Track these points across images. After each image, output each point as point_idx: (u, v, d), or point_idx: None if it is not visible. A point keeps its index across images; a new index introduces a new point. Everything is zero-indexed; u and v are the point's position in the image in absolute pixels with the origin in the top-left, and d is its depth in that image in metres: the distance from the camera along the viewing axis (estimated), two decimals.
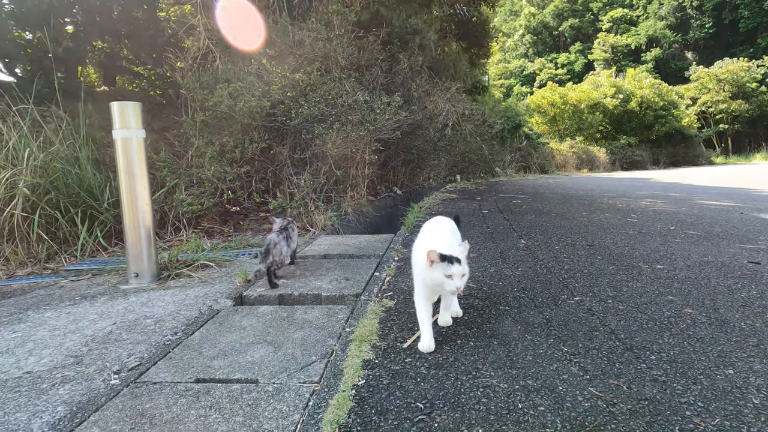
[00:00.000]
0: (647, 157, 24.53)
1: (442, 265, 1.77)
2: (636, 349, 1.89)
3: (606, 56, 40.83)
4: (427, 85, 7.01)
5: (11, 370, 1.81)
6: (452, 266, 1.76)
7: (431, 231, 2.13)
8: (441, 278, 1.77)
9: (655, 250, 3.67)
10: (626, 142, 24.08)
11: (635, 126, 25.36)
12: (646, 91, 26.01)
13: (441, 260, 1.77)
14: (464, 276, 1.80)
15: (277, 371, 1.75)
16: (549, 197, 7.81)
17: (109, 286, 2.93)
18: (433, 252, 1.76)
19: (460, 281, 1.77)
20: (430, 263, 1.78)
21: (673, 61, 42.02)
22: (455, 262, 1.77)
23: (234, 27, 4.85)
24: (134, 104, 2.88)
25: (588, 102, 24.47)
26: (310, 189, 4.77)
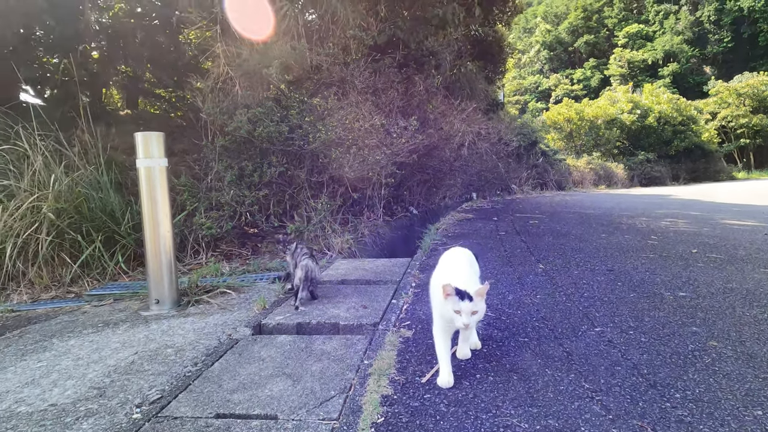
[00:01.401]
0: (666, 172, 24.21)
1: (454, 300, 1.77)
2: (660, 386, 1.85)
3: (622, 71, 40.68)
4: (443, 106, 7.06)
5: (36, 402, 1.84)
6: (461, 302, 1.76)
7: (449, 263, 2.12)
8: (451, 313, 1.78)
9: (676, 275, 3.60)
10: (645, 158, 23.82)
11: (653, 141, 25.11)
12: (664, 106, 25.80)
13: (456, 294, 1.77)
14: (476, 314, 1.78)
15: (296, 407, 1.75)
16: (567, 217, 7.74)
17: (131, 313, 2.98)
18: (449, 285, 1.77)
19: (468, 318, 1.76)
20: (446, 296, 1.79)
21: (691, 75, 41.66)
22: (466, 298, 1.76)
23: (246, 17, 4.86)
24: (157, 134, 2.95)
25: (605, 117, 24.35)
26: (327, 212, 4.80)
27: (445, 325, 1.90)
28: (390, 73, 5.73)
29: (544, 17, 48.36)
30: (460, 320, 1.77)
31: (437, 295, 1.89)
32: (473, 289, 1.77)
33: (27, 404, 1.83)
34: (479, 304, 1.78)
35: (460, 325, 1.78)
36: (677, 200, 12.01)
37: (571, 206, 9.89)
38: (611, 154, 24.10)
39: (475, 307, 1.77)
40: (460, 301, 1.76)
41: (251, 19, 4.98)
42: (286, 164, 4.78)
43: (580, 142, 24.07)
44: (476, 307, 1.77)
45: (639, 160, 23.66)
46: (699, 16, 42.72)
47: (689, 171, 25.55)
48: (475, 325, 1.93)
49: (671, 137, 25.22)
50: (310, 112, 4.73)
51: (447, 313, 1.80)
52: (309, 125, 4.59)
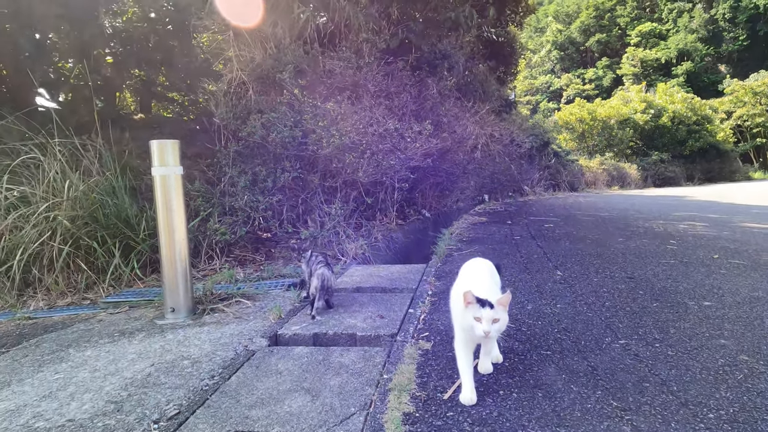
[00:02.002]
0: (681, 173, 23.91)
1: (475, 307, 1.74)
2: (692, 405, 1.78)
3: (635, 71, 40.24)
4: (456, 108, 7.00)
5: (54, 417, 1.82)
6: (482, 309, 1.73)
7: (470, 274, 2.09)
8: (471, 321, 1.75)
9: (699, 283, 3.51)
10: (658, 158, 23.55)
11: (667, 141, 24.81)
12: (678, 105, 25.47)
13: (477, 302, 1.74)
14: (497, 323, 1.74)
15: (315, 425, 1.71)
16: (582, 220, 7.64)
17: (146, 321, 2.96)
18: (470, 293, 1.75)
19: (488, 326, 1.72)
20: (466, 304, 1.76)
21: (706, 74, 41.09)
22: (487, 305, 1.73)
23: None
24: (173, 142, 2.93)
25: (618, 117, 24.11)
26: (341, 217, 4.77)
27: (466, 336, 1.85)
28: (403, 76, 5.69)
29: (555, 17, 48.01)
30: (481, 328, 1.72)
31: (457, 305, 1.86)
32: (494, 298, 1.75)
33: (45, 419, 1.81)
34: (501, 313, 1.75)
35: (480, 333, 1.73)
36: (693, 202, 11.83)
37: (585, 208, 9.77)
38: (624, 154, 23.85)
39: (497, 315, 1.73)
40: (481, 308, 1.73)
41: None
42: (299, 169, 4.75)
43: (592, 142, 23.86)
44: (497, 315, 1.73)
45: (653, 160, 23.39)
46: (713, 13, 42.14)
47: (704, 171, 25.21)
48: (497, 336, 1.88)
49: (685, 137, 24.90)
50: (323, 117, 4.70)
51: (467, 321, 1.77)
52: (322, 130, 4.56)
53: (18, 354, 2.50)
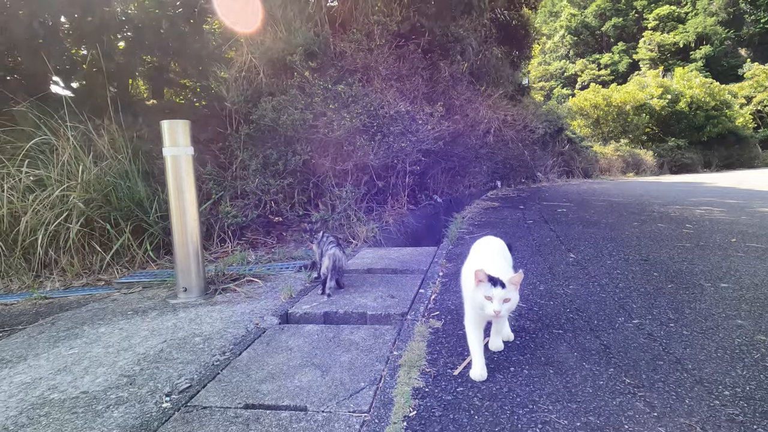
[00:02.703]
0: (698, 159, 23.45)
1: (486, 286, 1.71)
2: (707, 383, 1.75)
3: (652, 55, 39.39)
4: (469, 92, 6.91)
5: (68, 389, 1.85)
6: (494, 288, 1.69)
7: (481, 252, 2.06)
8: (482, 299, 1.72)
9: (716, 265, 3.45)
10: (675, 145, 23.11)
11: (684, 127, 24.32)
12: (696, 90, 24.90)
13: (488, 281, 1.71)
14: (508, 302, 1.71)
15: (325, 398, 1.71)
16: (596, 205, 7.54)
17: (159, 301, 2.99)
18: (481, 271, 1.71)
19: (499, 305, 1.69)
20: (477, 282, 1.73)
21: (726, 58, 40.06)
22: (498, 285, 1.69)
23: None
24: (183, 122, 2.94)
25: (633, 103, 23.65)
26: (352, 200, 4.76)
27: (477, 315, 1.83)
28: (414, 59, 5.62)
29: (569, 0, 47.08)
30: (491, 307, 1.69)
31: (468, 283, 1.84)
32: (506, 277, 1.72)
33: (59, 391, 1.84)
34: (512, 292, 1.71)
35: (490, 312, 1.70)
36: (711, 188, 11.61)
37: (600, 194, 9.64)
38: (640, 140, 23.45)
39: (508, 294, 1.70)
40: (493, 287, 1.69)
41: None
42: (310, 152, 4.74)
43: (607, 128, 23.47)
44: (509, 294, 1.70)
45: (669, 146, 22.97)
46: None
47: (722, 158, 24.69)
48: (507, 315, 1.85)
49: (703, 123, 24.37)
50: (334, 100, 4.67)
51: (478, 300, 1.73)
52: (333, 112, 4.53)
53: (34, 331, 2.54)
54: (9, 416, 1.67)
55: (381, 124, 4.64)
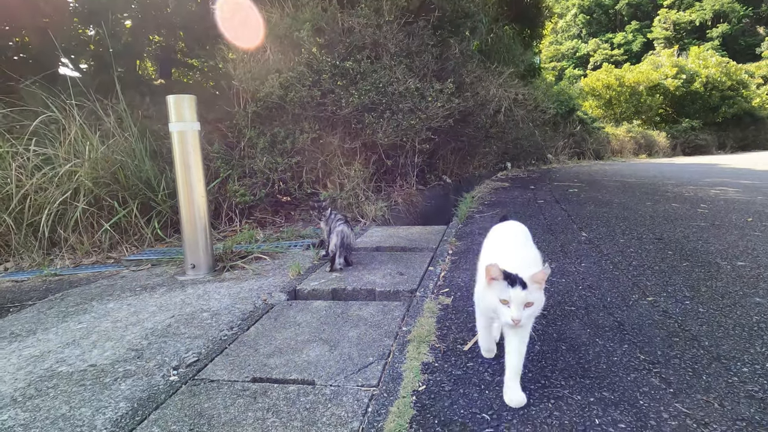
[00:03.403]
0: (712, 140, 23.02)
1: (501, 285, 1.35)
2: (724, 359, 1.71)
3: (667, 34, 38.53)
4: (479, 70, 6.78)
5: (77, 362, 1.85)
6: (510, 289, 1.32)
7: (500, 239, 1.76)
8: (495, 303, 1.37)
9: (732, 244, 3.37)
10: (689, 126, 22.67)
11: (699, 108, 23.82)
12: (712, 70, 24.34)
13: (504, 279, 1.35)
14: (530, 307, 1.35)
15: (333, 372, 1.69)
16: (608, 185, 7.43)
17: (167, 277, 2.99)
18: (495, 267, 1.34)
19: (518, 311, 1.32)
20: (489, 280, 1.38)
21: (743, 37, 39.07)
22: (517, 284, 1.32)
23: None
24: (189, 97, 2.89)
25: (647, 83, 23.18)
26: (360, 179, 4.71)
27: (489, 321, 1.59)
28: (424, 35, 5.49)
29: None
30: (508, 313, 1.34)
31: (479, 279, 1.55)
32: (527, 273, 1.34)
33: (68, 364, 1.83)
34: (535, 293, 1.34)
35: (507, 320, 1.34)
36: (725, 169, 11.40)
37: (612, 175, 9.51)
38: (653, 122, 23.04)
39: (530, 296, 1.33)
40: (509, 287, 1.33)
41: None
42: (318, 130, 4.68)
43: (619, 109, 23.08)
44: (531, 296, 1.33)
45: (683, 127, 22.54)
46: None
47: (737, 139, 24.21)
48: (530, 324, 1.47)
49: (719, 103, 23.84)
50: (342, 76, 4.59)
51: (490, 303, 1.39)
52: (341, 89, 4.46)
53: (43, 306, 2.55)
54: (18, 388, 1.67)
55: (390, 101, 4.56)
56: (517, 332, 1.45)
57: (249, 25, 4.83)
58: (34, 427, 1.43)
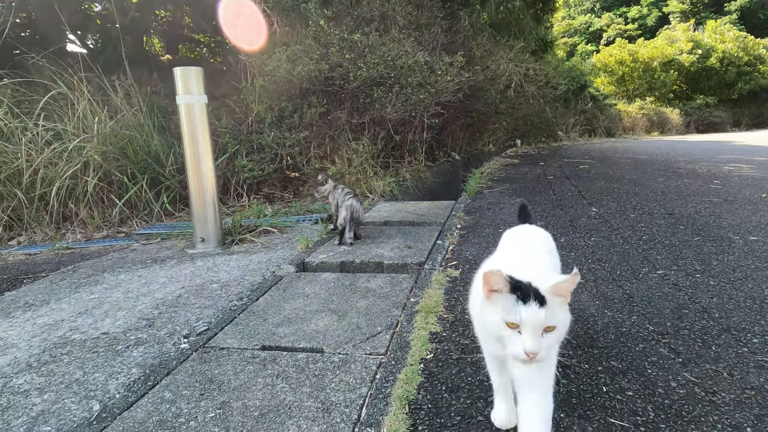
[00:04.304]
0: (727, 118, 22.54)
1: (507, 301, 0.91)
2: (734, 331, 1.70)
3: (683, 8, 37.45)
4: (489, 44, 6.65)
5: (89, 330, 1.88)
6: (521, 307, 0.89)
7: (514, 245, 1.43)
8: (498, 325, 0.92)
9: (745, 219, 3.33)
10: (703, 102, 22.21)
11: (714, 84, 23.28)
12: (729, 45, 23.71)
13: (510, 290, 0.91)
14: (552, 332, 0.91)
15: (342, 341, 1.70)
16: (619, 162, 7.34)
17: (177, 251, 3.01)
18: (497, 274, 0.90)
19: (534, 342, 0.88)
20: (488, 292, 0.94)
21: (762, 10, 37.87)
22: (531, 299, 0.89)
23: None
24: (196, 69, 2.87)
25: (661, 59, 22.66)
26: (369, 155, 4.68)
27: (493, 351, 1.04)
28: (433, 7, 5.39)
29: None
30: (518, 344, 0.90)
31: (476, 296, 1.07)
32: (547, 283, 0.91)
33: (81, 332, 1.86)
34: (558, 312, 0.91)
35: (517, 353, 0.90)
36: (740, 146, 11.20)
37: (623, 152, 9.38)
38: (666, 98, 22.58)
39: (551, 317, 0.89)
40: (520, 303, 0.89)
41: None
42: (326, 105, 4.64)
43: (632, 86, 22.63)
44: (553, 317, 0.90)
45: (697, 104, 22.09)
46: None
47: (753, 116, 23.68)
48: (554, 357, 1.04)
49: (735, 79, 23.28)
50: (350, 50, 4.53)
51: (491, 327, 0.95)
52: (349, 63, 4.40)
53: (56, 278, 2.58)
54: (33, 354, 1.70)
55: (398, 75, 4.50)
56: (534, 376, 0.99)
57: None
58: (49, 391, 1.46)
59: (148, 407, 1.35)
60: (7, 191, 3.62)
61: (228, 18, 5.07)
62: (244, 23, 4.86)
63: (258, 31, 4.71)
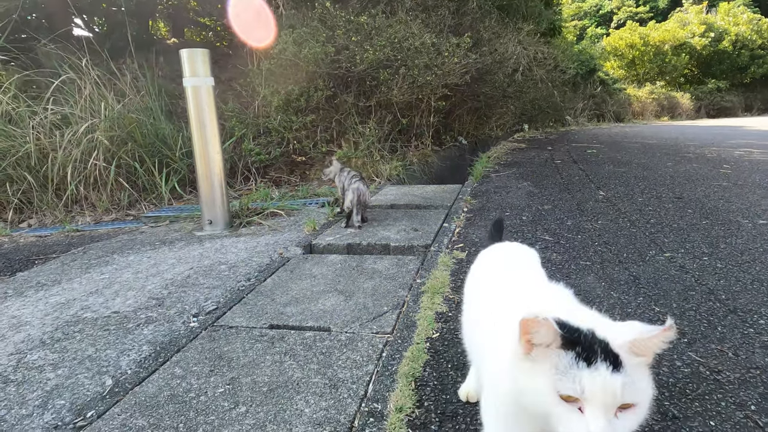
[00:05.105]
0: (738, 102, 22.18)
1: (560, 360, 0.63)
2: (740, 312, 1.70)
3: None
4: (497, 26, 6.56)
5: (100, 309, 1.91)
6: (583, 371, 0.61)
7: (510, 272, 1.09)
8: (545, 396, 0.63)
9: (754, 203, 3.30)
10: (715, 87, 21.86)
11: (726, 68, 22.87)
12: (743, 27, 23.24)
13: (564, 346, 0.63)
14: (629, 411, 0.62)
15: (349, 320, 1.72)
16: (627, 146, 7.27)
17: (185, 233, 3.04)
18: (543, 323, 0.62)
19: (604, 421, 0.60)
20: (527, 345, 0.65)
21: None
22: (599, 359, 0.61)
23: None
24: (203, 51, 2.86)
25: (673, 42, 22.26)
26: (375, 138, 4.67)
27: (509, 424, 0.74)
28: None
29: None
30: (581, 426, 0.60)
31: (495, 351, 0.79)
32: (620, 334, 0.64)
33: (92, 311, 1.90)
34: (640, 380, 0.63)
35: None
36: (751, 131, 11.05)
37: (632, 137, 9.29)
38: (677, 83, 22.25)
39: (631, 391, 0.61)
40: (581, 365, 0.61)
41: None
42: (333, 88, 4.62)
43: (642, 70, 22.30)
44: (632, 391, 0.61)
45: (708, 89, 21.74)
46: None
47: (765, 101, 23.28)
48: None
49: (748, 63, 22.85)
50: (356, 32, 4.49)
51: (533, 399, 0.65)
52: (356, 45, 4.37)
53: (67, 259, 2.62)
54: (46, 331, 1.73)
55: (405, 57, 4.46)
56: None
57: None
58: (63, 366, 1.49)
59: (160, 382, 1.38)
60: (17, 175, 3.65)
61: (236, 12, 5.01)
62: (251, 17, 4.81)
63: (266, 24, 4.66)
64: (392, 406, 1.23)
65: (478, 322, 0.98)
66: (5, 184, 3.61)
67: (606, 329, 0.65)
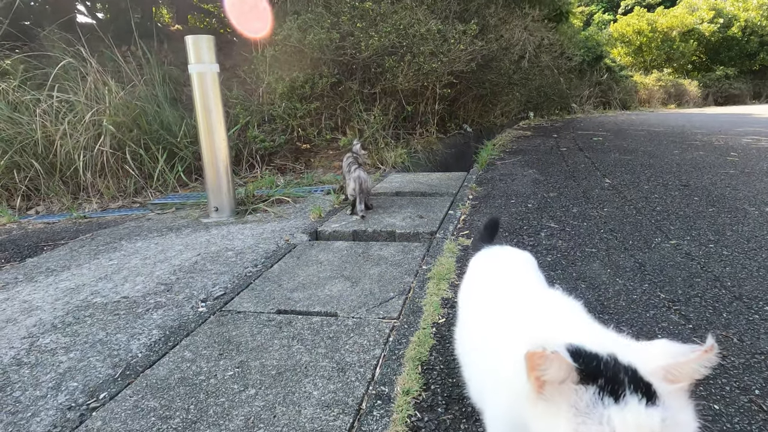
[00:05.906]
0: (747, 90, 21.95)
1: (578, 398, 0.52)
2: (746, 299, 1.70)
3: None
4: (503, 12, 6.49)
5: (110, 294, 1.93)
6: (611, 409, 0.51)
7: (500, 284, 1.01)
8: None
9: (762, 191, 3.29)
10: (723, 74, 21.60)
11: (735, 55, 22.57)
12: (753, 13, 22.88)
13: (582, 381, 0.53)
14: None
15: (355, 306, 1.74)
16: (634, 134, 7.22)
17: (192, 220, 3.05)
18: (552, 357, 0.52)
19: None
20: (538, 384, 0.55)
21: None
22: (628, 393, 0.51)
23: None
24: (208, 37, 2.85)
25: (681, 28, 21.96)
26: (380, 125, 4.66)
27: None
28: None
29: None
30: None
31: (485, 383, 0.77)
32: (649, 358, 0.56)
33: (102, 296, 1.92)
34: (680, 412, 0.52)
35: None
36: (759, 118, 10.94)
37: (638, 124, 9.22)
38: (685, 70, 21.99)
39: (675, 430, 0.50)
40: (607, 402, 0.51)
41: None
42: (337, 75, 4.60)
43: (650, 56, 22.04)
44: (672, 427, 0.50)
45: (716, 76, 21.49)
46: None
47: None
48: None
49: (757, 49, 22.54)
50: (361, 18, 4.45)
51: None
52: (361, 32, 4.34)
53: (75, 245, 2.64)
54: (57, 316, 1.76)
55: (410, 43, 4.43)
56: None
57: None
58: (74, 350, 1.52)
59: (170, 366, 1.40)
60: (24, 162, 3.67)
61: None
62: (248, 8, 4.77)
63: (262, 15, 4.61)
64: (399, 389, 1.24)
65: (474, 350, 0.86)
66: (12, 171, 3.63)
67: (630, 352, 0.55)
